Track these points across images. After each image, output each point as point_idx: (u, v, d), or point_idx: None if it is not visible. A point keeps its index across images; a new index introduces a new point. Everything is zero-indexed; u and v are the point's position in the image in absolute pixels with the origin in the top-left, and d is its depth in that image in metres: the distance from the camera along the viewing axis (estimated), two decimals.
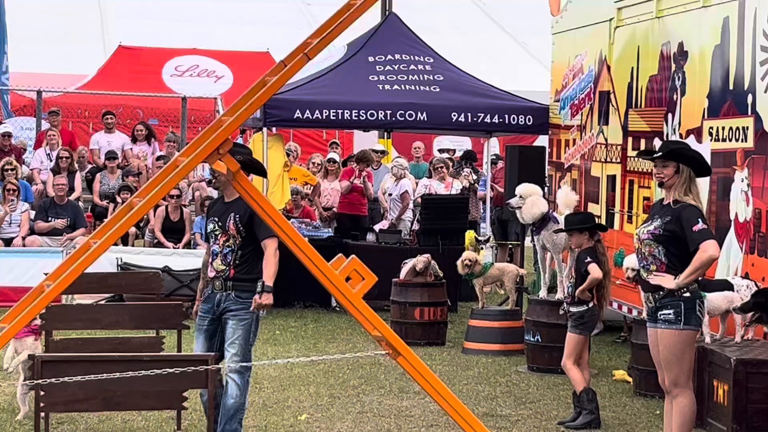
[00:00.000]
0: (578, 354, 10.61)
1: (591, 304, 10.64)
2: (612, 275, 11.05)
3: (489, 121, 17.09)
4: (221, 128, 4.58)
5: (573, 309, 10.65)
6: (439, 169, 19.14)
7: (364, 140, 22.60)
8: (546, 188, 15.85)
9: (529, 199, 13.06)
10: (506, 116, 17.07)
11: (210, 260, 8.92)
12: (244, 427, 9.98)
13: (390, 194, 18.78)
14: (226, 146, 4.56)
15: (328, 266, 4.70)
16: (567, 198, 13.74)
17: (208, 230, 9.03)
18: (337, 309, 16.65)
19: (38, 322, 9.86)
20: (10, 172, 17.99)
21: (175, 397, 8.41)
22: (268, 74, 4.67)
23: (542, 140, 18.66)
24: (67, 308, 11.29)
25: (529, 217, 13.01)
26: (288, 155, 18.80)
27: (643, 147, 13.52)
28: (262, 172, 9.18)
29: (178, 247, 17.39)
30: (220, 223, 8.90)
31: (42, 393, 7.65)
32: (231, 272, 8.85)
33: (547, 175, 16.55)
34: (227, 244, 8.87)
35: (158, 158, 19.24)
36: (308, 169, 19.66)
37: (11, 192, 17.55)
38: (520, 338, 13.51)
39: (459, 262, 14.31)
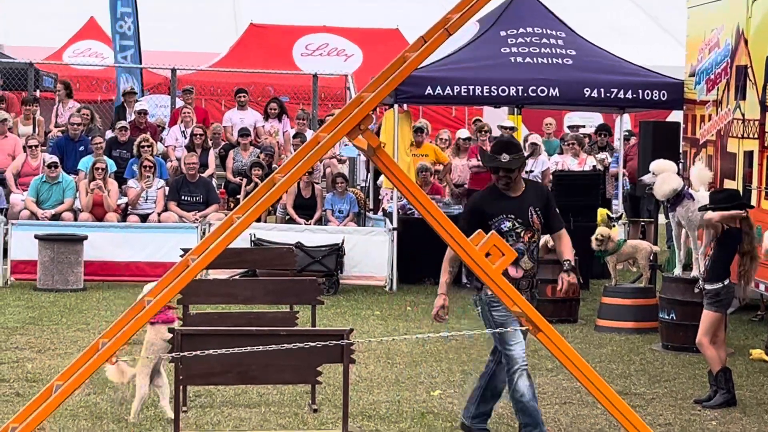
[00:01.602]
0: (714, 332, 10.44)
1: (727, 281, 10.44)
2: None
3: (622, 96, 16.87)
4: (362, 104, 4.60)
5: (708, 286, 10.47)
6: (572, 145, 18.96)
7: (494, 116, 22.48)
8: (681, 164, 15.61)
9: (661, 176, 12.89)
10: (640, 92, 16.84)
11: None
12: (377, 401, 10.06)
13: (530, 171, 18.65)
14: (367, 122, 4.57)
15: (468, 242, 4.69)
16: (701, 174, 13.53)
17: (505, 229, 8.41)
18: (467, 286, 16.61)
19: (173, 314, 9.49)
20: (146, 148, 18.31)
21: (309, 372, 8.47)
22: (408, 50, 4.67)
23: (676, 116, 18.37)
24: (203, 283, 11.44)
25: (660, 193, 12.84)
26: (422, 131, 18.81)
27: None
28: None
29: (310, 224, 17.54)
30: (519, 220, 8.44)
31: (181, 365, 7.77)
32: (536, 270, 8.65)
33: (681, 151, 16.30)
34: (533, 240, 8.56)
35: (294, 136, 19.41)
36: (436, 145, 19.64)
37: (147, 168, 17.87)
38: (654, 316, 13.35)
39: (593, 239, 14.19)
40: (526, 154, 18.96)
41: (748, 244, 10.43)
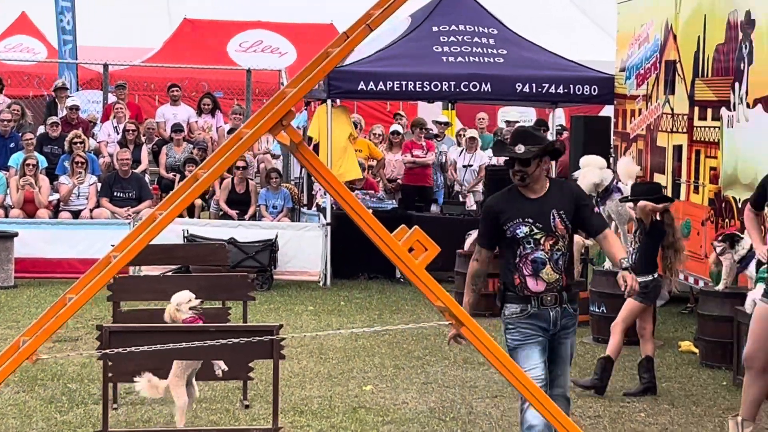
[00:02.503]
0: (631, 321, 10.52)
1: (656, 275, 10.55)
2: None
3: (554, 91, 16.99)
4: (284, 100, 4.60)
5: (638, 279, 10.52)
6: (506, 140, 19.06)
7: (428, 112, 22.54)
8: (612, 159, 15.76)
9: (583, 170, 13.03)
10: (571, 86, 16.96)
11: (530, 271, 7.38)
12: (309, 396, 10.07)
13: (469, 165, 18.71)
14: (289, 117, 4.58)
15: (392, 237, 4.72)
16: (628, 168, 13.68)
17: (520, 235, 7.36)
18: (402, 280, 16.69)
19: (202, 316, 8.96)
20: (78, 145, 18.18)
21: (241, 368, 8.47)
22: (330, 46, 4.67)
23: (608, 110, 18.53)
24: (135, 279, 11.40)
25: (584, 187, 12.96)
26: (355, 127, 18.83)
27: (710, 116, 13.41)
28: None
29: (244, 219, 17.51)
30: (539, 225, 7.33)
31: (110, 363, 7.74)
32: (564, 281, 7.40)
33: (612, 145, 16.46)
34: (557, 247, 7.36)
35: (229, 131, 19.36)
36: (369, 140, 19.67)
37: (79, 165, 17.74)
38: (585, 309, 13.45)
39: None
40: (462, 147, 18.93)
41: (672, 237, 10.54)
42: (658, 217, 10.52)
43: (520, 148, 7.37)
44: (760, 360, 8.32)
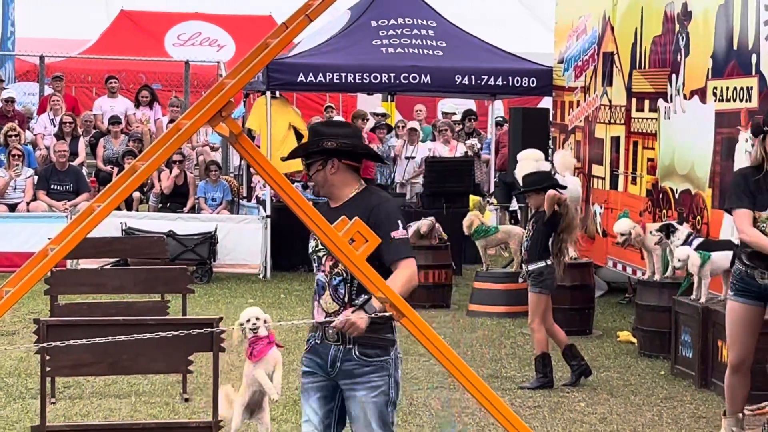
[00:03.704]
0: (543, 313, 10.54)
1: (549, 261, 10.51)
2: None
3: (493, 83, 17.06)
4: (223, 91, 4.56)
5: (531, 267, 10.53)
6: (444, 132, 19.11)
7: (368, 104, 22.54)
8: (550, 150, 15.84)
9: (520, 164, 13.10)
10: (510, 78, 17.04)
11: (316, 296, 6.04)
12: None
13: (411, 157, 18.70)
14: (228, 109, 4.54)
15: (332, 228, 4.70)
16: (564, 160, 13.75)
17: (309, 250, 6.11)
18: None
19: (273, 331, 8.21)
20: (13, 137, 17.99)
21: (180, 361, 8.41)
22: (269, 36, 4.64)
23: (546, 102, 18.63)
24: (72, 273, 11.31)
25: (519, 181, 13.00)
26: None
27: (647, 108, 13.52)
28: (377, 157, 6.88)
29: (183, 212, 17.41)
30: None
31: (48, 357, 7.66)
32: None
33: (551, 137, 16.54)
34: (336, 271, 5.91)
35: (170, 122, 19.25)
36: None
37: (15, 157, 17.56)
38: (525, 300, 13.48)
39: (465, 223, 14.37)
40: (404, 139, 18.89)
41: (564, 222, 10.50)
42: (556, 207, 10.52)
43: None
44: (749, 361, 8.22)
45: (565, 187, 11.16)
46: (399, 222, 5.89)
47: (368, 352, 5.88)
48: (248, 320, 8.10)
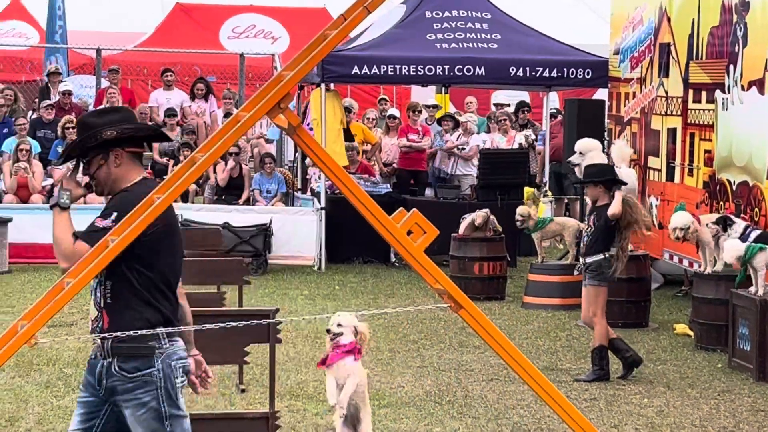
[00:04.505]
0: (600, 306, 10.47)
1: (608, 254, 10.44)
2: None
3: (548, 75, 17.01)
4: (282, 83, 4.57)
5: (589, 259, 10.47)
6: (503, 122, 19.05)
7: (422, 96, 22.52)
8: (606, 142, 15.75)
9: (589, 155, 12.99)
10: (565, 70, 16.97)
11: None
12: (305, 381, 10.06)
13: (463, 148, 18.66)
14: (286, 101, 4.56)
15: (390, 220, 4.70)
16: (621, 152, 13.65)
17: None
18: (396, 264, 16.69)
19: (353, 339, 7.87)
20: (71, 130, 18.11)
21: (237, 352, 8.47)
22: (328, 28, 4.65)
23: (601, 94, 18.52)
24: None
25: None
26: (350, 111, 18.80)
27: (704, 99, 13.41)
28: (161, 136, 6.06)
29: (238, 204, 17.49)
30: None
31: None
32: (105, 322, 5.37)
33: (606, 128, 16.45)
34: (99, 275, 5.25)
35: (225, 116, 19.35)
36: (363, 124, 19.63)
37: None
38: (580, 292, 13.42)
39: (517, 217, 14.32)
40: (459, 132, 18.88)
41: (627, 221, 10.42)
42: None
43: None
44: None
45: (625, 183, 11.10)
46: (113, 214, 5.36)
47: (127, 367, 5.32)
48: (331, 327, 7.87)
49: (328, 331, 7.96)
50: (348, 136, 17.97)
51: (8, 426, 8.60)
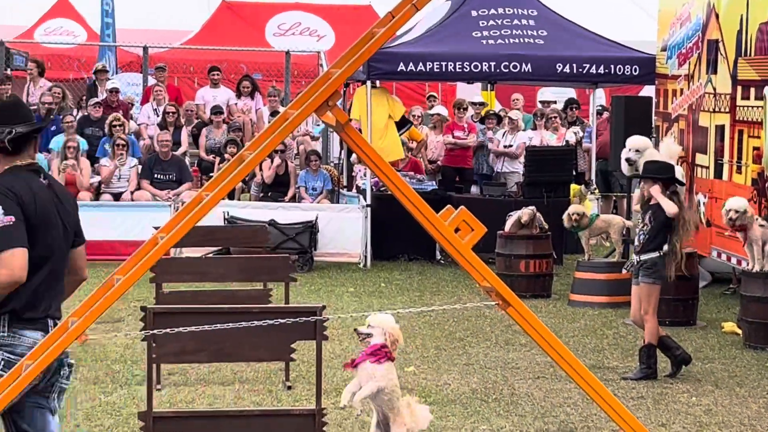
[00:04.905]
0: (654, 303, 10.41)
1: (662, 252, 10.38)
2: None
3: (594, 71, 16.95)
4: (330, 80, 4.58)
5: (644, 257, 10.41)
6: (553, 119, 18.99)
7: (467, 92, 22.47)
8: (653, 139, 15.66)
9: (647, 152, 12.94)
10: (612, 66, 16.91)
11: None
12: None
13: (509, 145, 18.62)
14: (335, 98, 4.56)
15: (437, 217, 4.70)
16: (670, 149, 13.57)
17: None
18: (442, 262, 16.68)
19: (382, 341, 7.62)
20: (118, 127, 18.25)
21: (283, 349, 8.48)
22: (375, 26, 4.65)
23: (648, 90, 18.42)
24: (177, 261, 11.42)
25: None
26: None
27: (753, 96, 13.31)
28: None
29: (284, 201, 17.53)
30: None
31: (154, 344, 7.76)
32: None
33: (653, 125, 16.35)
34: None
35: (272, 114, 19.42)
36: None
37: (120, 147, 17.81)
38: (627, 290, 13.35)
39: (565, 216, 14.23)
40: (505, 129, 18.82)
41: (682, 221, 10.37)
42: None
43: None
44: None
45: (683, 183, 11.03)
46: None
47: None
48: (360, 327, 7.65)
49: (356, 331, 7.83)
50: (403, 122, 17.98)
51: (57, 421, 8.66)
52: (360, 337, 7.74)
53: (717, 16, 14.33)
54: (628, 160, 13.41)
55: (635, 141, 13.26)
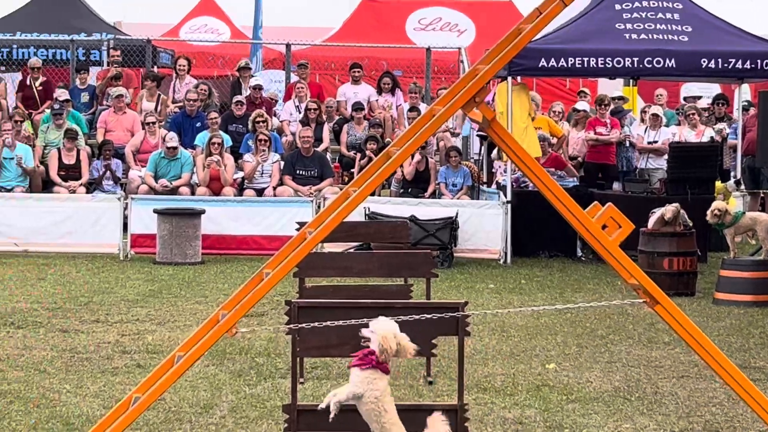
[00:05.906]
0: None
1: None
2: None
3: (740, 66, 16.63)
4: (477, 77, 4.60)
5: None
6: (691, 116, 18.72)
7: (609, 88, 22.28)
8: None
9: None
10: (758, 61, 16.58)
11: None
12: (492, 374, 10.06)
13: (653, 142, 18.42)
14: (482, 94, 4.58)
15: (585, 214, 4.68)
16: None
17: None
18: (583, 259, 16.55)
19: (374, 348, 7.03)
20: (261, 123, 18.49)
21: (425, 344, 8.52)
22: (522, 22, 4.65)
23: None
24: (319, 256, 11.53)
25: None
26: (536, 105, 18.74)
27: None
28: None
29: (424, 197, 17.58)
30: None
31: (298, 338, 7.85)
32: None
33: None
34: None
35: (410, 110, 19.51)
36: (549, 117, 19.52)
37: (263, 143, 18.05)
38: None
39: (708, 212, 14.02)
40: (646, 125, 18.60)
41: None
42: None
43: None
44: None
45: None
46: None
47: None
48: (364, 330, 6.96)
49: (360, 333, 6.97)
50: None
51: (203, 413, 8.82)
52: (362, 340, 7.01)
53: None
54: None
55: None
